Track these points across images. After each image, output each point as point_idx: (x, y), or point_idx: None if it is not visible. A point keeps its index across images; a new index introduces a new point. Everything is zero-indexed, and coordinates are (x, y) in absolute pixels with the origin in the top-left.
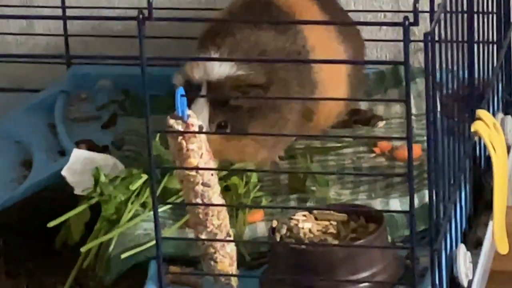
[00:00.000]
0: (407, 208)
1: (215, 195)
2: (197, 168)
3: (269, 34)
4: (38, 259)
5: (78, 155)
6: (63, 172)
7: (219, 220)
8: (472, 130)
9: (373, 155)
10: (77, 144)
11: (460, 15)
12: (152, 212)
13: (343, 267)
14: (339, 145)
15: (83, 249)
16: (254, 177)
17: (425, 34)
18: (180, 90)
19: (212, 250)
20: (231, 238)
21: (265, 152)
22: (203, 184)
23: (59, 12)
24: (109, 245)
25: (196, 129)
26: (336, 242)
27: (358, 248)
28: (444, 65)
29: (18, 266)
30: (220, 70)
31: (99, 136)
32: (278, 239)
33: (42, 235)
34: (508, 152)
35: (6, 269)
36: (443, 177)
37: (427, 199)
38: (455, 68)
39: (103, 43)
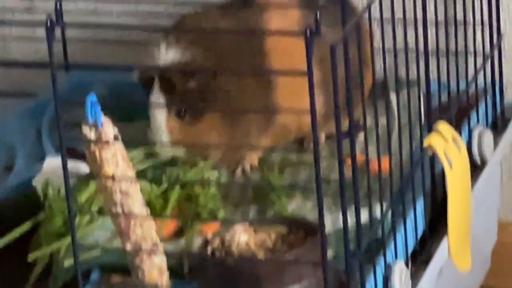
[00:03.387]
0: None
1: (136, 204)
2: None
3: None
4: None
5: (51, 163)
6: (34, 182)
7: (142, 230)
8: (424, 144)
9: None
10: (58, 151)
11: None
12: (107, 219)
13: (270, 281)
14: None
15: (30, 259)
16: (212, 188)
17: (331, 45)
18: (91, 97)
19: (138, 261)
20: (159, 249)
21: (225, 136)
22: (122, 192)
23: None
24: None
25: (111, 137)
26: (269, 255)
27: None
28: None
29: None
30: (166, 56)
31: None
32: (209, 252)
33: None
34: (484, 166)
35: None
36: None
37: (377, 214)
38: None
39: (102, 49)
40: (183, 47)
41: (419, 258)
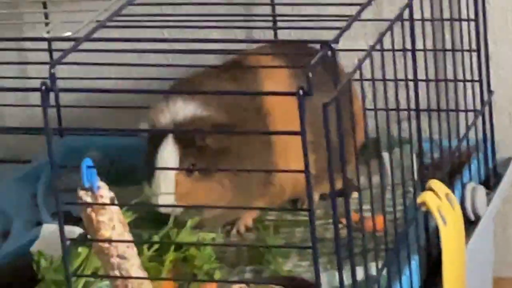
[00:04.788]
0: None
1: (133, 268)
2: (107, 240)
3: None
4: None
5: (47, 229)
6: (32, 249)
7: None
8: (418, 201)
9: (340, 226)
10: (53, 216)
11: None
12: (103, 283)
13: None
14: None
15: None
16: (208, 249)
17: (324, 104)
18: (87, 161)
19: None
20: None
21: (229, 195)
22: (119, 256)
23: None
24: None
25: (107, 201)
26: None
27: None
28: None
29: None
30: (186, 111)
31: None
32: None
33: None
34: (478, 222)
35: None
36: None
37: (372, 271)
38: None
39: (96, 113)
40: (199, 102)
41: None
